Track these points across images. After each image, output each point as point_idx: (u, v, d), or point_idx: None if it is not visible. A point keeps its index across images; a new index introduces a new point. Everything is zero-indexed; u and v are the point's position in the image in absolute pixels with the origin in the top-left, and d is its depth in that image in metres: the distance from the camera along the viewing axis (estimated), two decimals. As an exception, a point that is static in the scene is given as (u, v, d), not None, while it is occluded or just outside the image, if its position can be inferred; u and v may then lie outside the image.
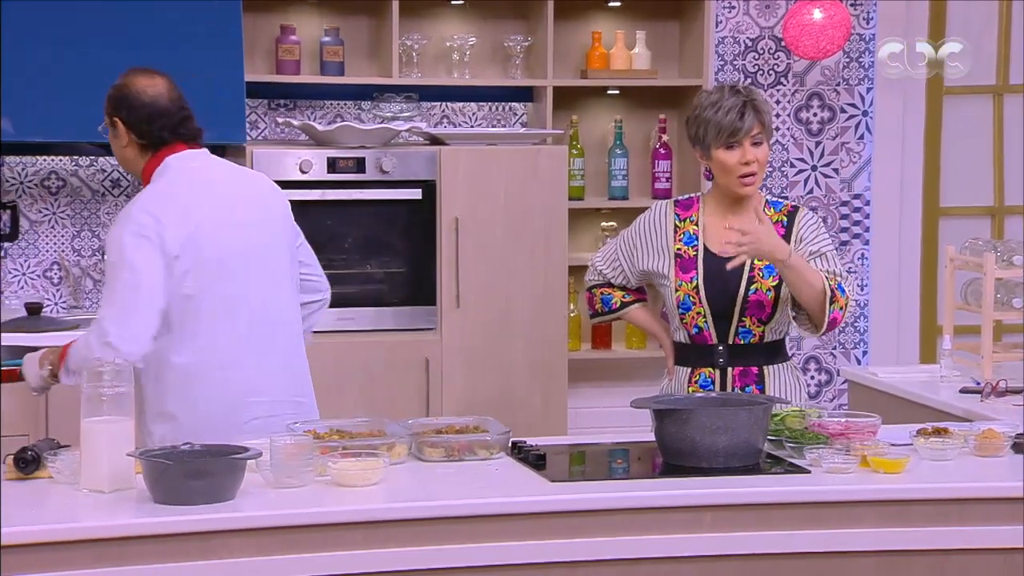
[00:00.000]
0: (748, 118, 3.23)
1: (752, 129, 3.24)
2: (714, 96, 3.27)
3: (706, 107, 3.26)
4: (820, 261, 3.28)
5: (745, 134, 3.23)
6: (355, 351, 4.41)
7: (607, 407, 4.92)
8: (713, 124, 3.23)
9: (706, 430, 2.80)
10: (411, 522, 2.56)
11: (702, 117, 3.26)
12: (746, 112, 3.23)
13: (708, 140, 3.25)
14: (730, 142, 3.23)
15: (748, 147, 3.25)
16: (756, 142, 3.26)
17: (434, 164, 4.47)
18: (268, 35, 4.72)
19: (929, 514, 2.68)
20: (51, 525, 2.46)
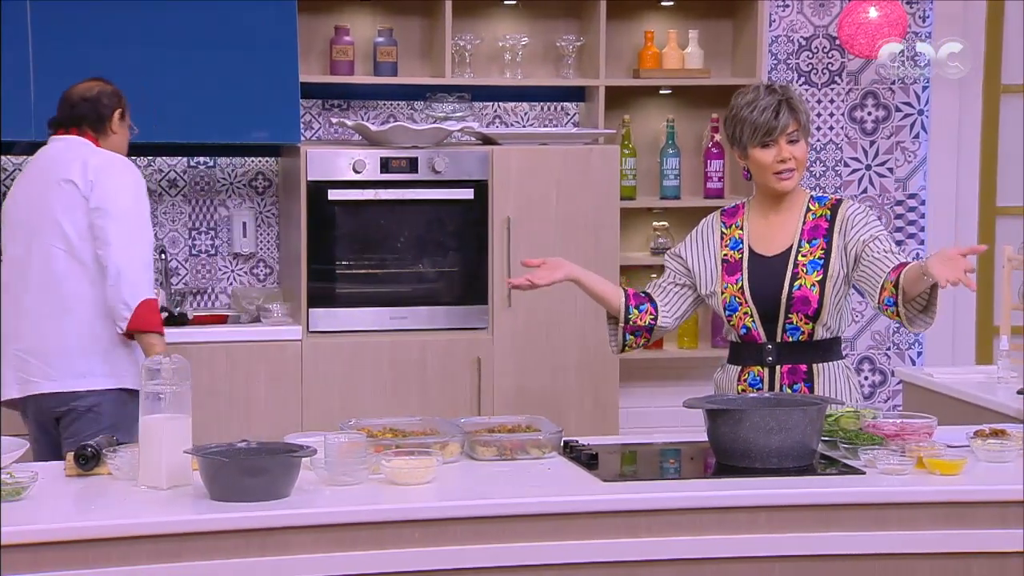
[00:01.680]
0: (783, 116, 3.22)
1: (788, 127, 3.23)
2: (750, 96, 3.27)
3: (742, 107, 3.27)
4: (876, 245, 3.20)
5: (780, 132, 3.22)
6: (408, 350, 4.43)
7: (659, 407, 4.90)
8: (749, 123, 3.23)
9: (760, 430, 2.78)
10: (464, 520, 2.56)
11: (738, 116, 3.27)
12: (781, 111, 3.22)
13: (744, 139, 3.25)
14: (766, 141, 3.23)
15: (784, 145, 3.24)
16: (792, 140, 3.24)
17: (486, 164, 4.47)
18: (322, 36, 4.75)
19: (987, 516, 2.65)
20: (110, 521, 2.48)
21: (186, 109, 4.33)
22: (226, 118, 4.38)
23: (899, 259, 3.18)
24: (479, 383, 4.46)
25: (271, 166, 4.82)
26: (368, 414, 3.43)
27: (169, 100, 4.31)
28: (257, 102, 4.38)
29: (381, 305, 4.45)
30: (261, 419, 4.27)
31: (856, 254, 3.24)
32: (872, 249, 3.22)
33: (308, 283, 4.39)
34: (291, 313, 4.51)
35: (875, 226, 3.27)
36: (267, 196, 4.82)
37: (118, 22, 4.28)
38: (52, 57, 4.20)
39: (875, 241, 3.23)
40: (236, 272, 4.81)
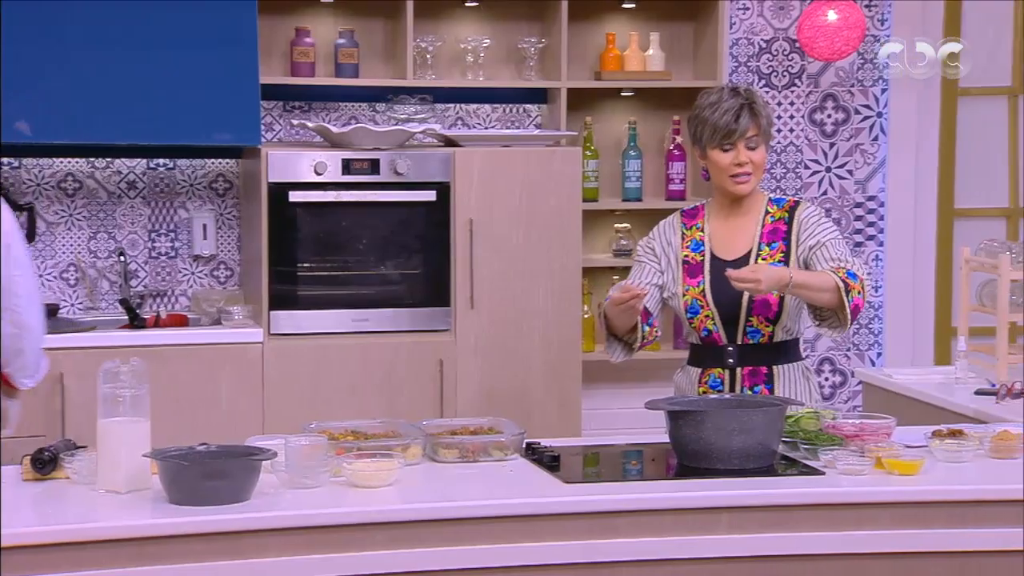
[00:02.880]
0: (743, 121, 3.24)
1: (747, 132, 3.24)
2: (713, 97, 3.29)
3: (704, 107, 3.28)
4: (822, 252, 3.25)
5: (739, 136, 3.24)
6: (370, 352, 4.42)
7: (621, 408, 4.91)
8: (709, 124, 3.25)
9: (721, 431, 2.80)
10: (425, 523, 2.56)
11: (700, 117, 3.28)
12: (742, 115, 3.24)
13: (704, 140, 3.27)
14: (724, 144, 3.24)
15: (742, 149, 3.25)
16: (751, 146, 3.26)
17: (448, 166, 4.47)
18: (283, 37, 4.73)
19: (945, 516, 2.67)
20: (68, 525, 2.46)
21: (145, 111, 4.30)
22: (186, 120, 4.35)
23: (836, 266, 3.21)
24: (442, 385, 4.45)
25: (232, 168, 4.79)
26: (331, 417, 3.41)
27: (128, 101, 4.28)
28: (217, 104, 4.36)
29: (343, 307, 4.44)
30: (222, 422, 4.24)
31: (804, 260, 3.27)
32: (817, 257, 3.25)
33: (269, 285, 4.37)
34: (252, 315, 4.49)
35: (824, 231, 3.28)
36: (228, 198, 4.79)
37: (76, 22, 4.24)
38: (8, 58, 4.16)
39: (821, 248, 3.25)
40: (196, 274, 4.79)
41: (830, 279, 3.16)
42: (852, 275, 3.18)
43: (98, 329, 4.39)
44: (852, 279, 3.18)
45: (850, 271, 3.19)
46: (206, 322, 4.55)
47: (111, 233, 4.72)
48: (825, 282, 3.16)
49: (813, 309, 3.25)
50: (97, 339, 4.27)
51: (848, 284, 3.16)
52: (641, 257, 3.41)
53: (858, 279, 3.18)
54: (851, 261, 3.23)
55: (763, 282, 3.10)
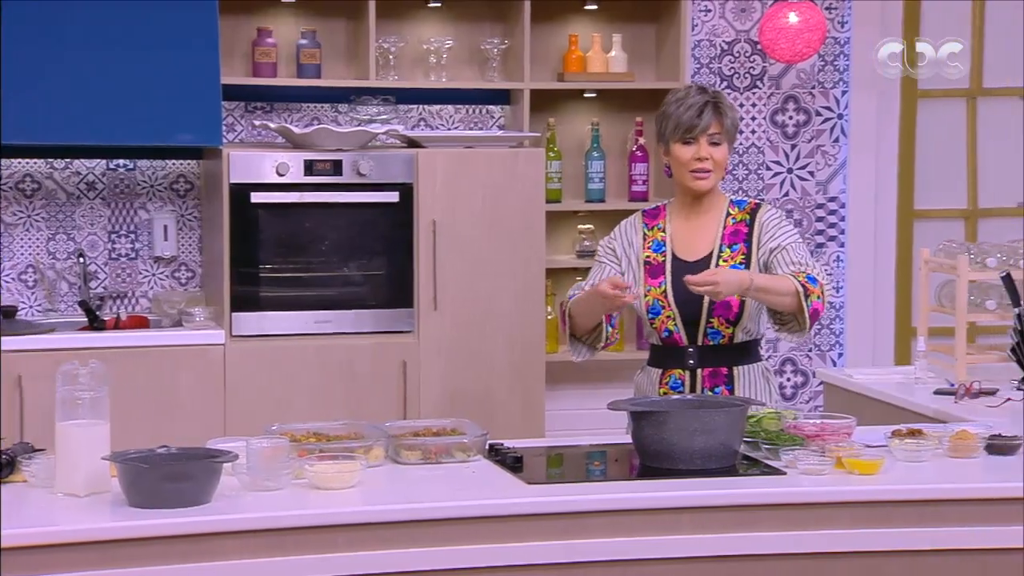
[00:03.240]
0: (707, 116, 3.27)
1: (709, 127, 3.27)
2: (681, 93, 3.34)
3: (671, 102, 3.33)
4: (782, 256, 3.27)
5: (702, 131, 3.27)
6: (333, 353, 4.40)
7: (585, 409, 4.92)
8: (674, 118, 3.29)
9: (683, 432, 2.81)
10: (387, 525, 2.56)
11: (666, 112, 3.33)
12: (706, 111, 3.28)
13: (667, 133, 3.30)
14: (687, 138, 3.28)
15: (704, 145, 3.28)
16: (714, 142, 3.29)
17: (411, 167, 4.46)
18: (245, 38, 4.71)
19: (904, 515, 2.69)
20: (26, 529, 2.44)
21: (105, 111, 4.27)
22: (147, 120, 4.32)
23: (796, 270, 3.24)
24: (405, 387, 4.45)
25: (193, 168, 4.77)
26: (293, 419, 3.40)
27: (88, 101, 4.25)
28: (178, 104, 4.33)
29: (306, 309, 4.42)
30: (183, 425, 4.22)
31: (765, 263, 3.29)
32: (777, 260, 3.27)
33: (231, 287, 4.35)
34: (214, 317, 4.47)
35: (785, 234, 3.31)
36: (189, 199, 4.76)
37: (34, 22, 4.20)
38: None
39: (781, 252, 3.28)
40: (157, 276, 4.76)
41: (790, 283, 3.19)
42: (812, 279, 3.21)
43: (57, 331, 4.36)
44: (812, 283, 3.21)
45: (810, 275, 3.22)
46: (167, 324, 4.52)
47: (70, 234, 4.68)
48: (785, 286, 3.19)
49: (772, 313, 3.27)
50: (56, 341, 4.24)
51: (807, 288, 3.19)
52: (602, 258, 3.42)
53: (818, 283, 3.21)
54: (811, 265, 3.26)
55: (721, 285, 3.12)
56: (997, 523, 2.70)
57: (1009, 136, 5.34)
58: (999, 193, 5.35)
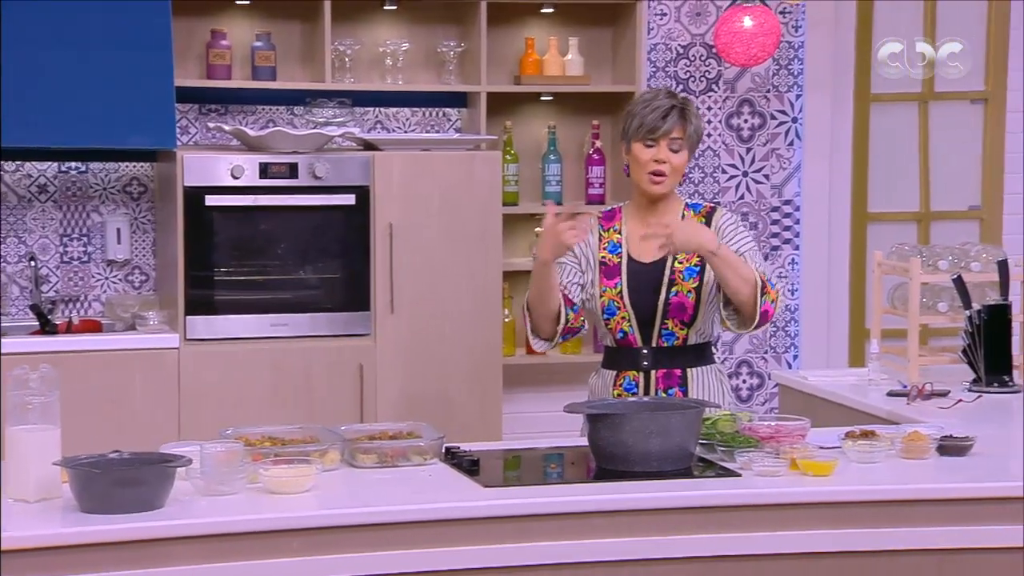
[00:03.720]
0: (671, 120, 3.29)
1: (672, 132, 3.29)
2: (648, 95, 3.37)
3: (638, 103, 3.37)
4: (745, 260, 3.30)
5: (663, 135, 3.29)
6: (289, 357, 4.38)
7: (543, 412, 4.93)
8: (639, 118, 3.32)
9: (639, 434, 2.82)
10: (342, 529, 2.55)
11: (632, 111, 3.36)
12: (671, 115, 3.30)
13: (630, 132, 3.32)
14: (648, 140, 3.29)
15: (664, 148, 3.30)
16: (674, 148, 3.30)
17: (368, 170, 4.45)
18: (199, 39, 4.68)
19: (857, 516, 2.71)
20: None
21: (57, 113, 4.23)
22: (99, 122, 4.28)
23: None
24: (362, 390, 4.43)
25: (146, 171, 4.73)
26: (249, 423, 3.38)
27: (39, 103, 4.20)
28: (131, 106, 4.30)
29: (261, 312, 4.40)
30: (137, 430, 4.18)
31: None
32: None
33: (185, 290, 4.32)
34: (168, 321, 4.43)
35: (741, 240, 3.33)
36: (142, 202, 4.73)
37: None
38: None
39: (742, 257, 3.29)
40: (110, 279, 4.72)
41: (753, 274, 3.22)
42: (771, 283, 3.26)
43: (8, 335, 4.31)
44: (771, 286, 3.25)
45: (770, 279, 3.26)
46: (120, 328, 4.49)
47: (21, 237, 4.63)
48: (748, 272, 3.22)
49: (725, 299, 3.27)
50: (6, 345, 4.18)
51: (766, 287, 3.22)
52: (562, 258, 3.42)
53: (776, 288, 3.27)
54: (767, 274, 3.29)
55: (677, 236, 3.14)
56: (949, 523, 2.72)
57: (961, 140, 5.40)
58: (951, 196, 5.41)
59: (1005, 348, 3.70)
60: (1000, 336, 3.70)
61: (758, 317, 3.23)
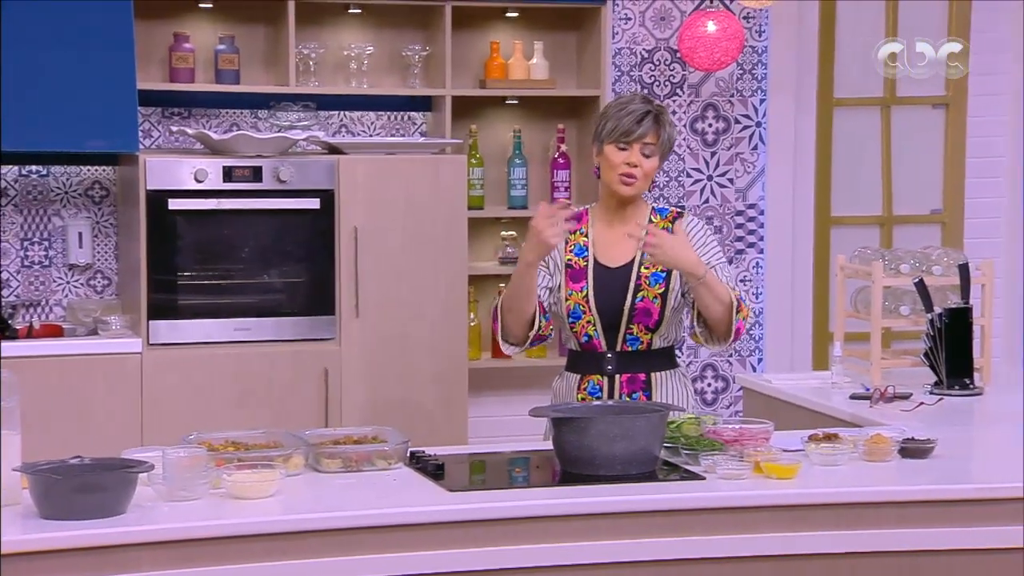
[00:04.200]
0: (645, 124, 3.31)
1: (645, 136, 3.30)
2: (625, 98, 3.39)
3: (613, 105, 3.38)
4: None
5: (637, 139, 3.30)
6: (253, 362, 4.37)
7: (508, 416, 4.93)
8: (613, 120, 3.33)
9: (604, 438, 2.82)
10: (307, 534, 2.54)
11: (607, 113, 3.37)
12: (645, 120, 3.31)
13: (604, 134, 3.33)
14: (621, 142, 3.30)
15: (636, 151, 3.31)
16: (646, 153, 3.31)
17: (332, 173, 4.44)
18: (161, 43, 4.66)
19: (820, 519, 2.73)
20: (-67, 544, 2.39)
21: (18, 115, 4.19)
22: (61, 126, 4.26)
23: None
24: (327, 395, 4.42)
25: (108, 175, 4.70)
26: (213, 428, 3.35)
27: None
28: (93, 109, 4.27)
29: (225, 316, 4.38)
30: (99, 436, 4.15)
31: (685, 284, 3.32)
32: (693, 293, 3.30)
33: (148, 294, 4.30)
34: (131, 325, 4.41)
35: (711, 251, 3.34)
36: (104, 206, 4.70)
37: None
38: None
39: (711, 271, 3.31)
40: (72, 284, 4.68)
41: (729, 294, 3.25)
42: (743, 299, 3.30)
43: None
44: (744, 304, 3.30)
45: (741, 296, 3.30)
46: (82, 332, 4.45)
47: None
48: (724, 294, 3.25)
49: (699, 316, 3.30)
50: (-33, 351, 4.15)
51: (739, 305, 3.27)
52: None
53: (748, 305, 3.29)
54: (734, 288, 3.31)
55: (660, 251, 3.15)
56: (911, 526, 2.75)
57: (923, 144, 5.45)
58: (913, 200, 5.46)
59: (966, 351, 3.74)
60: (961, 339, 3.73)
61: (732, 335, 3.27)
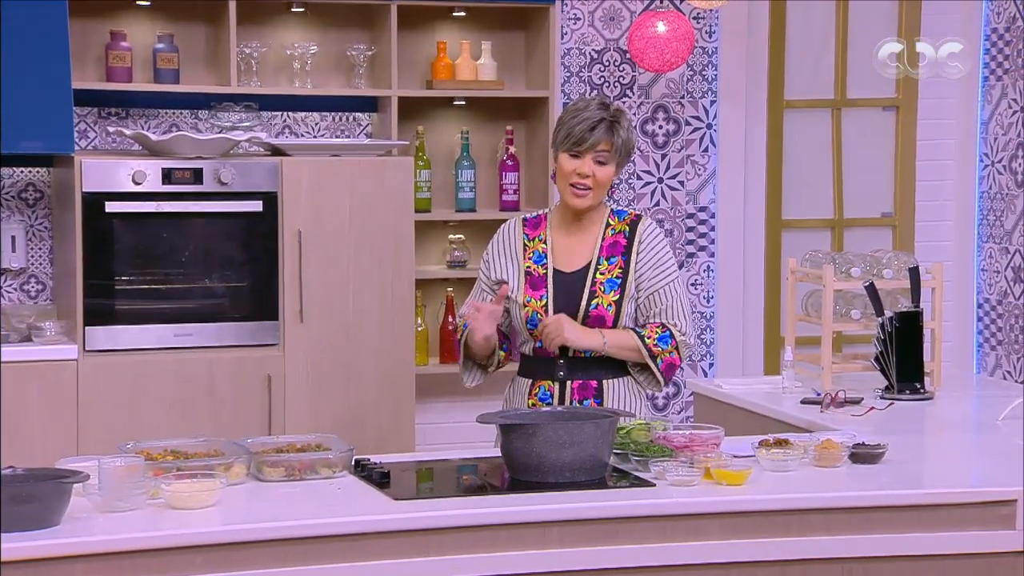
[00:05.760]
0: (598, 133, 3.30)
1: (598, 145, 3.30)
2: (580, 104, 3.38)
3: (569, 111, 3.38)
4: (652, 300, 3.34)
5: (589, 148, 3.30)
6: (194, 368, 4.33)
7: (457, 422, 4.93)
8: (566, 128, 3.33)
9: (552, 444, 2.83)
10: (248, 544, 2.52)
11: (563, 119, 3.37)
12: (599, 127, 3.30)
13: (558, 142, 3.33)
14: (574, 151, 3.30)
15: (589, 160, 3.31)
16: (600, 161, 3.31)
17: (275, 175, 4.42)
18: (97, 41, 4.61)
19: (770, 525, 2.75)
20: None
21: (-52, 115, 4.14)
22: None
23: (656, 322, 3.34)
24: (270, 402, 4.40)
25: (43, 177, 4.65)
26: (152, 437, 3.33)
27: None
28: (27, 109, 4.22)
29: (165, 322, 4.35)
30: (33, 445, 4.11)
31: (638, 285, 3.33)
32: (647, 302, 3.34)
33: (85, 300, 4.26)
34: (66, 331, 4.36)
35: (664, 271, 3.35)
36: (39, 208, 4.65)
37: None
38: None
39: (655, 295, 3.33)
40: (5, 289, 4.62)
41: (634, 341, 3.30)
42: (665, 338, 3.29)
43: None
44: (663, 344, 3.29)
45: (663, 335, 3.30)
46: (15, 339, 4.40)
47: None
48: (633, 344, 3.31)
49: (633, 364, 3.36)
50: None
51: (653, 352, 3.30)
52: (484, 285, 3.44)
53: (670, 344, 3.31)
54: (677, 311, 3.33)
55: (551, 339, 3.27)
56: (861, 532, 2.77)
57: (874, 147, 5.51)
58: (864, 203, 5.51)
59: (916, 355, 3.78)
60: (912, 343, 3.77)
61: (663, 376, 3.34)
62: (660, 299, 3.34)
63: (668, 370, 3.33)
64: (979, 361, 5.37)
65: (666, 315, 3.34)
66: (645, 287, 3.35)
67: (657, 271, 3.35)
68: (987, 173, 5.36)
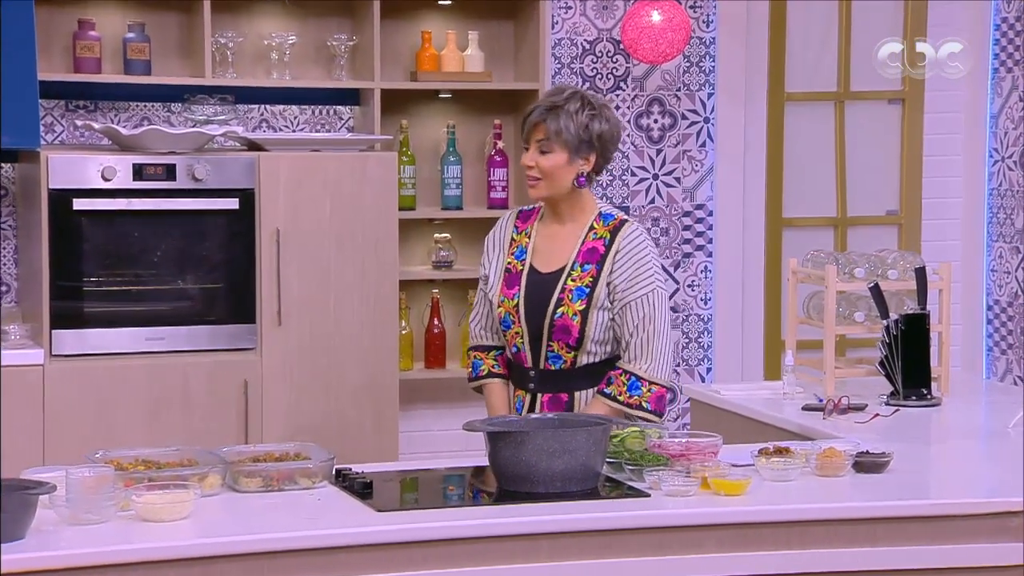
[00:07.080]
0: (532, 119, 3.30)
1: (536, 133, 3.30)
2: (548, 92, 3.40)
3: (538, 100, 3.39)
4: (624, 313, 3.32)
5: (528, 136, 3.31)
6: (167, 374, 4.33)
7: (442, 430, 4.93)
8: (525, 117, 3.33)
9: (542, 453, 2.83)
10: (223, 558, 2.53)
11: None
12: (534, 114, 3.30)
13: None
14: (524, 140, 3.33)
15: (532, 151, 3.32)
16: (543, 150, 3.31)
17: (252, 171, 4.42)
18: (65, 30, 4.61)
19: (770, 537, 2.75)
20: None
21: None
22: (-45, 119, 4.20)
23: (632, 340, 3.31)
24: (247, 409, 4.39)
25: (7, 173, 4.65)
26: (122, 445, 3.33)
27: None
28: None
29: (136, 325, 4.35)
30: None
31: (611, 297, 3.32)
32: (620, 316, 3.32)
33: (51, 302, 4.25)
34: (31, 335, 4.35)
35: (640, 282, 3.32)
36: (3, 206, 4.64)
37: None
38: None
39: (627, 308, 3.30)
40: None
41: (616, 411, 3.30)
42: (635, 385, 3.30)
43: None
44: (635, 392, 3.30)
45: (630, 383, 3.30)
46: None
47: None
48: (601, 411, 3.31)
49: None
50: None
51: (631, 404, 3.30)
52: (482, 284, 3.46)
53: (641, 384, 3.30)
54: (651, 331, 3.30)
55: None
56: (865, 544, 2.78)
57: (878, 142, 5.51)
58: (869, 201, 5.52)
59: (923, 360, 3.78)
60: (918, 347, 3.78)
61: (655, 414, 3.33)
62: (633, 312, 3.31)
63: (658, 404, 3.34)
64: (988, 366, 5.37)
65: (637, 334, 3.30)
66: (619, 298, 3.33)
67: (633, 282, 3.32)
68: (997, 169, 5.37)
